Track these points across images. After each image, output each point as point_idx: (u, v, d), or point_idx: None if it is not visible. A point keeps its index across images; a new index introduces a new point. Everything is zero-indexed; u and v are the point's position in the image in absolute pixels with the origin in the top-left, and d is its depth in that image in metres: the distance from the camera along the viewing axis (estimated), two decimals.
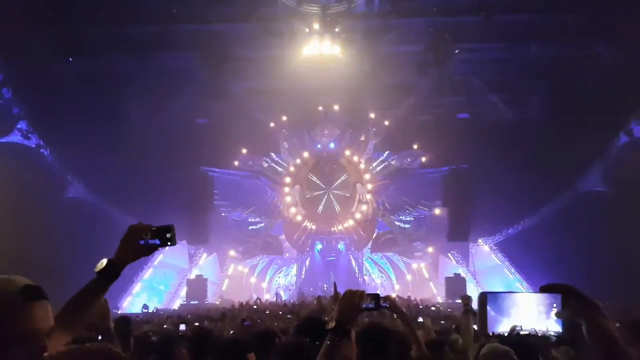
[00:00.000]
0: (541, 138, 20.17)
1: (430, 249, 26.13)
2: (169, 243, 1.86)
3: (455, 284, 22.92)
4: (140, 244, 1.86)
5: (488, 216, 23.22)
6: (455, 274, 24.06)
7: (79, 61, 21.01)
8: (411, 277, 26.17)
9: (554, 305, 1.13)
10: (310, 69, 21.88)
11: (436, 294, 24.65)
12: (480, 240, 25.11)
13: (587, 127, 18.46)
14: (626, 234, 16.42)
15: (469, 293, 21.73)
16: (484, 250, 25.23)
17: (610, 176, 20.17)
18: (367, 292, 2.37)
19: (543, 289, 1.15)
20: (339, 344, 1.86)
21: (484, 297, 1.16)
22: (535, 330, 1.14)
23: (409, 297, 20.13)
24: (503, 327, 1.14)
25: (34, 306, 1.41)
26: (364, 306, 2.24)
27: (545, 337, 1.13)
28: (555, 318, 1.13)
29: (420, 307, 17.34)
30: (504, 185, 20.59)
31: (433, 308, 17.18)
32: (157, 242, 1.85)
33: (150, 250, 1.88)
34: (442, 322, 10.94)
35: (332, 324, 1.91)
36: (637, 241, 15.67)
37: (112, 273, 1.83)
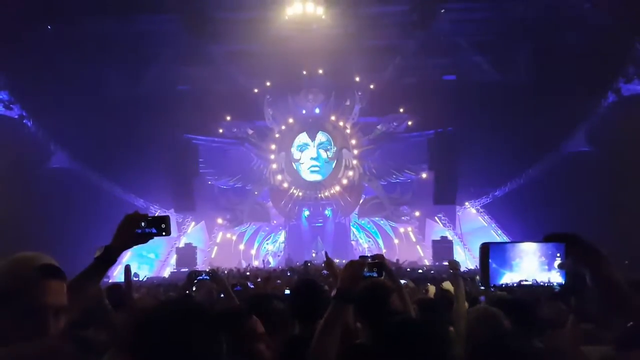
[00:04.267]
0: (527, 99, 20.12)
1: (417, 213, 26.35)
2: (164, 233, 1.97)
3: (442, 247, 23.29)
4: (136, 233, 1.96)
5: (474, 179, 23.38)
6: (442, 236, 24.39)
7: (57, 27, 20.34)
8: (398, 241, 26.47)
9: (557, 255, 1.08)
10: (293, 31, 21.36)
11: (423, 257, 25.02)
12: (466, 203, 25.36)
13: (574, 87, 18.42)
14: (612, 194, 16.63)
15: (455, 256, 22.36)
16: (471, 212, 25.52)
17: (596, 136, 20.28)
18: (370, 262, 2.55)
19: (546, 239, 1.09)
20: (341, 311, 1.97)
21: (485, 248, 1.06)
22: (537, 281, 1.05)
23: (397, 260, 20.38)
24: (505, 280, 1.06)
25: (49, 283, 1.44)
26: (367, 274, 2.44)
27: (547, 288, 1.06)
28: (557, 269, 1.04)
29: (408, 269, 17.60)
30: (490, 148, 20.67)
31: (420, 271, 17.45)
32: (153, 230, 1.96)
33: (145, 238, 1.97)
34: (428, 284, 11.16)
35: (334, 292, 2.02)
36: (623, 202, 15.87)
37: (108, 259, 1.92)
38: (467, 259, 23.95)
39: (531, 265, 1.07)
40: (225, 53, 22.34)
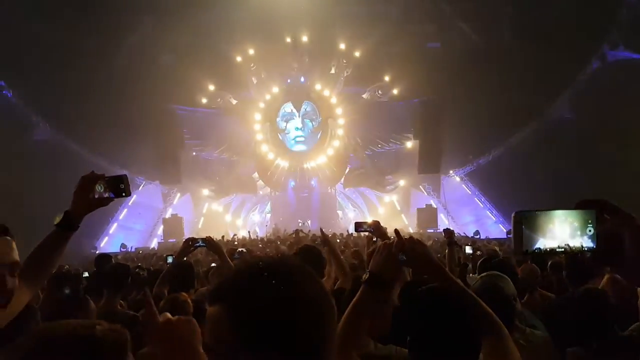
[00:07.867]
0: (512, 66, 20.08)
1: (402, 182, 26.58)
2: (123, 194, 1.79)
3: (427, 215, 23.62)
4: (94, 197, 1.77)
5: (458, 147, 23.53)
6: (426, 205, 24.69)
7: None
8: (383, 210, 26.75)
9: (589, 221, 1.11)
10: None
11: (408, 225, 25.36)
12: (451, 172, 25.59)
13: (558, 53, 18.45)
14: (595, 161, 16.88)
15: (439, 223, 22.71)
16: (455, 181, 25.81)
17: (580, 102, 20.40)
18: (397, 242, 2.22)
19: (578, 205, 1.13)
20: (371, 297, 1.79)
21: (519, 216, 1.12)
22: (569, 247, 1.11)
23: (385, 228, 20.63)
24: (538, 245, 1.11)
25: None
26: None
27: (581, 252, 1.11)
28: (588, 235, 1.11)
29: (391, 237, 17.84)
30: (474, 116, 20.71)
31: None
32: (111, 194, 1.78)
33: (105, 201, 1.79)
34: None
35: (365, 276, 1.83)
36: (605, 167, 16.14)
37: (69, 225, 1.75)
38: (450, 227, 24.40)
39: (563, 231, 1.11)
40: (208, 20, 21.73)
